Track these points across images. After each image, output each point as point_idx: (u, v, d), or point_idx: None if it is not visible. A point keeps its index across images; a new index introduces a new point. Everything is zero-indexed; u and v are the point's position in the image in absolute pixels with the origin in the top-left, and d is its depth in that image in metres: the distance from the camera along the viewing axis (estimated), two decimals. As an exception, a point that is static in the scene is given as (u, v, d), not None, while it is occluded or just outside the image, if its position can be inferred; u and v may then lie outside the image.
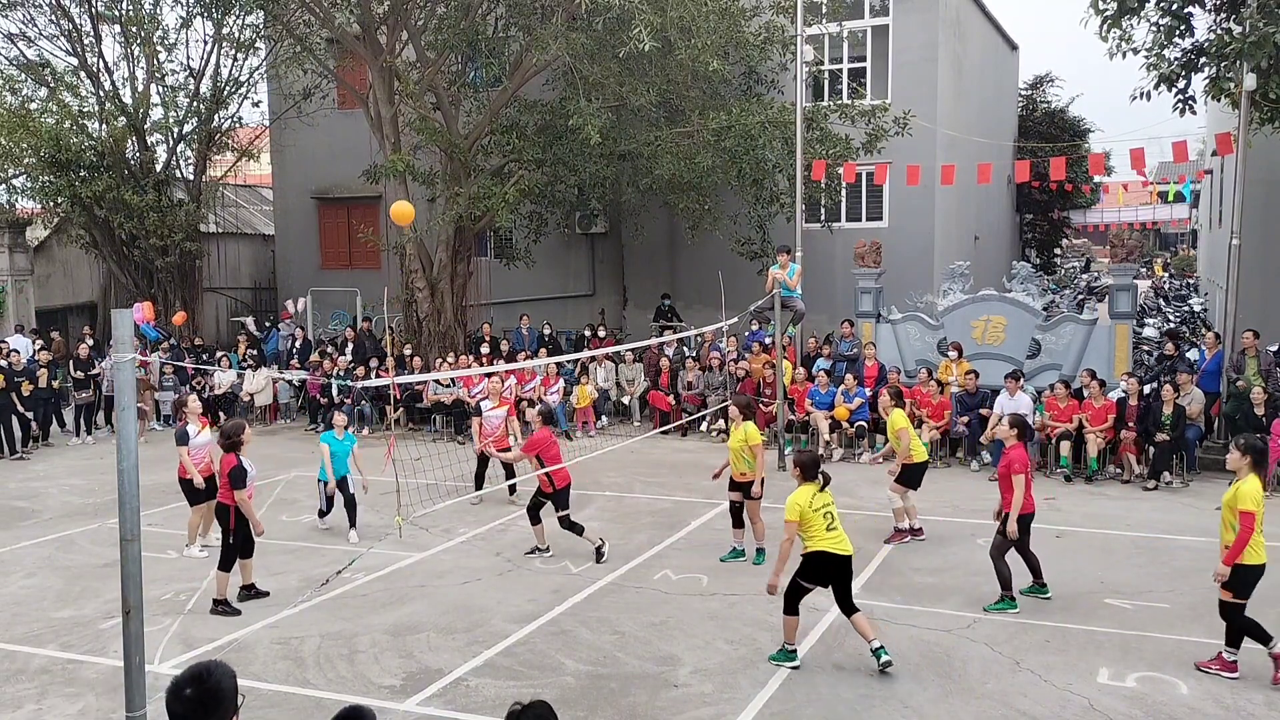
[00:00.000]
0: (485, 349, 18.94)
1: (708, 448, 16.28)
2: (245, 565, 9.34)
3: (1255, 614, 8.63)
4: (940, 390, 15.20)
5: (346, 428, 11.97)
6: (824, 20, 19.15)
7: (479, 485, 12.74)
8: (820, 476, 7.65)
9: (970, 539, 11.05)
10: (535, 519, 10.50)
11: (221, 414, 18.86)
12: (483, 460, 12.84)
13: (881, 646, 7.52)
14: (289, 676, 7.64)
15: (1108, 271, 25.69)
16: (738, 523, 10.39)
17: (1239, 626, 7.37)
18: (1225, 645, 7.49)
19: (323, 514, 11.91)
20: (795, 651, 7.70)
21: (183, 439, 10.47)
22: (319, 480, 11.78)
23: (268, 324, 23.08)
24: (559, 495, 10.32)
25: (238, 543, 9.13)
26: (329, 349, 20.20)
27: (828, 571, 7.56)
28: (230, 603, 9.13)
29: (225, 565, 9.14)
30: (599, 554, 10.31)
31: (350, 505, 11.50)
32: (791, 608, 7.63)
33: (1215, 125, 23.01)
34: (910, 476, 11.06)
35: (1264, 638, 7.33)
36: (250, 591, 9.36)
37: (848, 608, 7.60)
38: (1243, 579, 7.27)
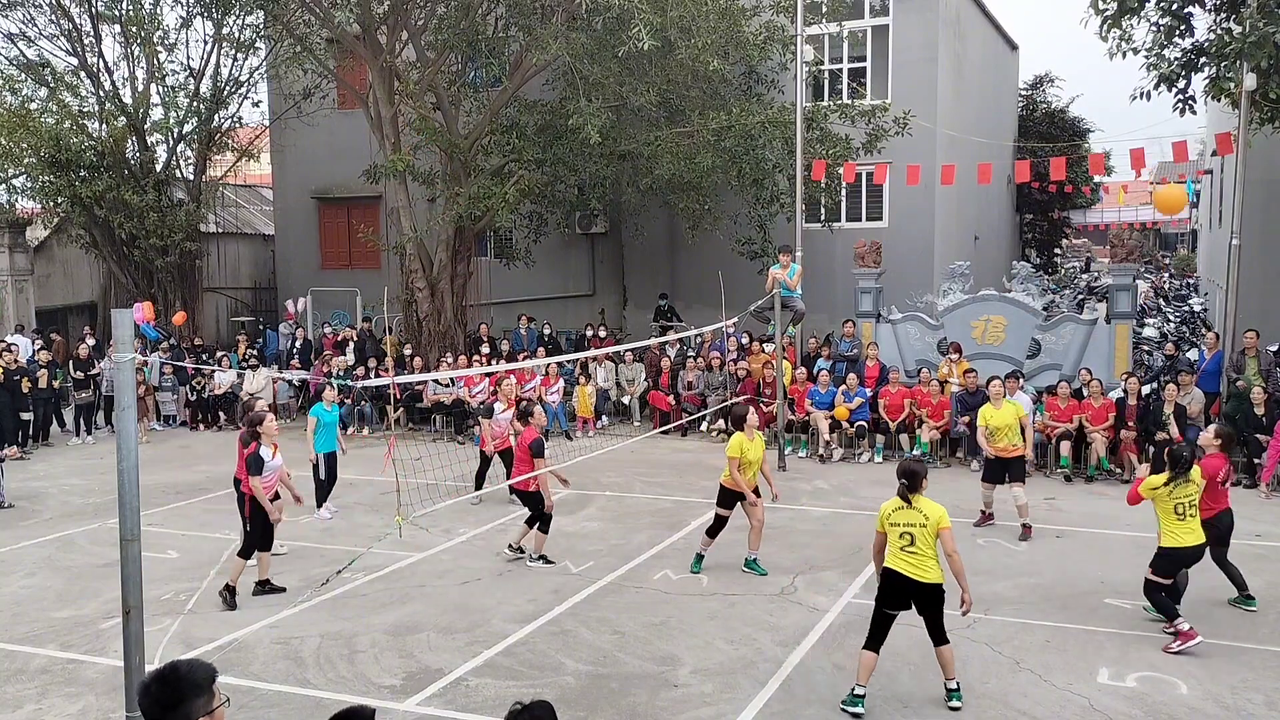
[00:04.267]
0: (485, 349, 18.95)
1: (708, 448, 16.27)
2: (262, 559, 9.41)
3: (1256, 614, 8.65)
4: (940, 390, 15.20)
5: (336, 401, 12.40)
6: (824, 20, 19.14)
7: (479, 485, 12.75)
8: (910, 483, 6.89)
9: (970, 539, 11.04)
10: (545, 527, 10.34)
11: (222, 414, 18.91)
12: (485, 460, 12.87)
13: (957, 689, 6.96)
14: (289, 676, 7.64)
15: (1107, 271, 25.69)
16: (715, 533, 10.01)
17: (1156, 602, 8.12)
18: (1166, 623, 8.09)
19: (320, 500, 12.19)
20: (862, 697, 6.82)
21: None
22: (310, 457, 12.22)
23: (262, 324, 23.07)
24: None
25: (256, 531, 9.22)
26: (329, 351, 20.17)
27: (901, 594, 6.87)
28: (235, 591, 9.22)
29: (245, 553, 9.28)
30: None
31: (328, 483, 12.13)
32: (871, 641, 6.87)
33: (1215, 125, 23.00)
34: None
35: (1174, 613, 8.06)
36: (265, 587, 9.41)
37: (936, 637, 6.94)
38: (1171, 560, 8.08)
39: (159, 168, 22.15)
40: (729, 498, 9.92)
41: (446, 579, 9.93)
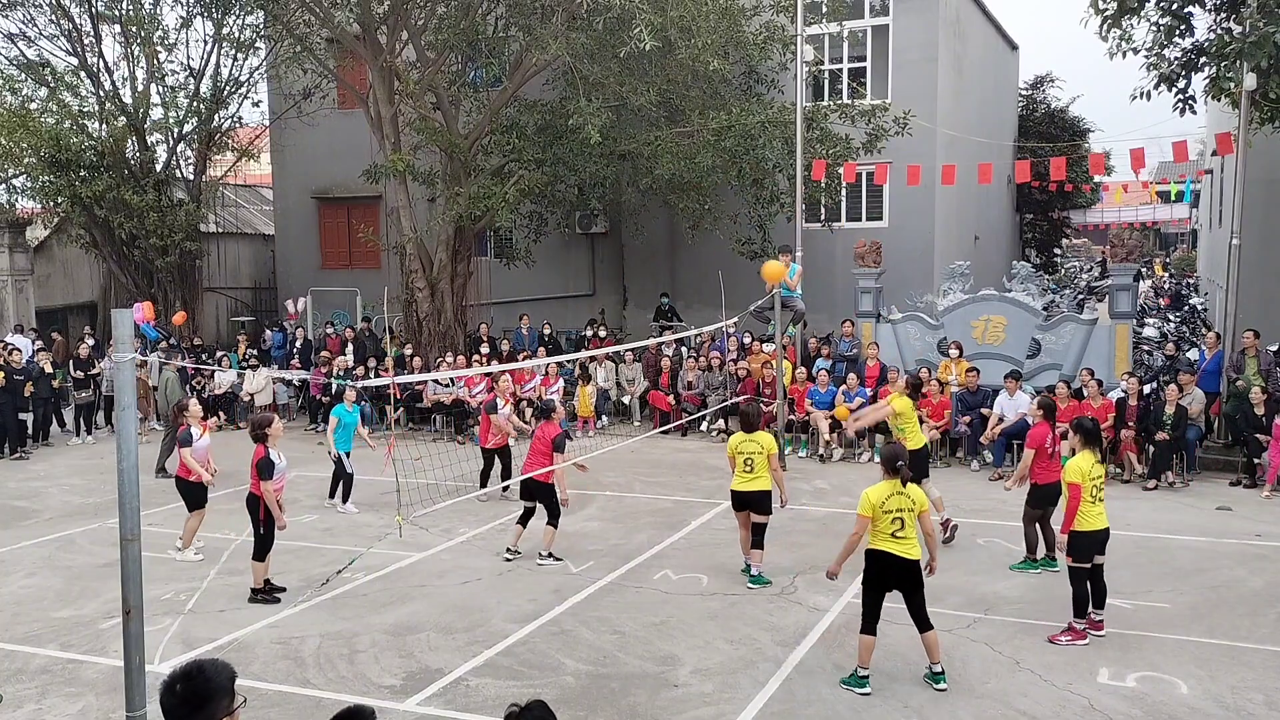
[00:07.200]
0: (485, 349, 18.95)
1: (708, 447, 16.27)
2: (256, 568, 9.40)
3: (1256, 614, 8.66)
4: (940, 390, 15.20)
5: (356, 401, 13.06)
6: (824, 20, 19.15)
7: (484, 483, 12.83)
8: (897, 471, 7.22)
9: (970, 539, 11.05)
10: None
11: (221, 413, 18.89)
12: (489, 457, 12.99)
13: (942, 672, 7.24)
14: (289, 676, 7.64)
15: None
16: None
17: (1075, 591, 8.09)
18: (1073, 616, 8.11)
19: (331, 493, 12.73)
20: (867, 677, 7.18)
21: (186, 441, 10.54)
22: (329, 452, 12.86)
23: (265, 329, 23.06)
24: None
25: (268, 533, 9.25)
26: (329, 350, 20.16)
27: (888, 575, 7.18)
28: (270, 588, 9.32)
29: (259, 555, 9.29)
30: None
31: (347, 481, 12.52)
32: (867, 625, 7.19)
33: (1215, 125, 23.01)
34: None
35: (1083, 611, 8.09)
36: (258, 595, 9.38)
37: (920, 623, 7.24)
38: (1079, 544, 8.02)
39: (159, 168, 22.14)
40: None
41: (446, 579, 9.93)
